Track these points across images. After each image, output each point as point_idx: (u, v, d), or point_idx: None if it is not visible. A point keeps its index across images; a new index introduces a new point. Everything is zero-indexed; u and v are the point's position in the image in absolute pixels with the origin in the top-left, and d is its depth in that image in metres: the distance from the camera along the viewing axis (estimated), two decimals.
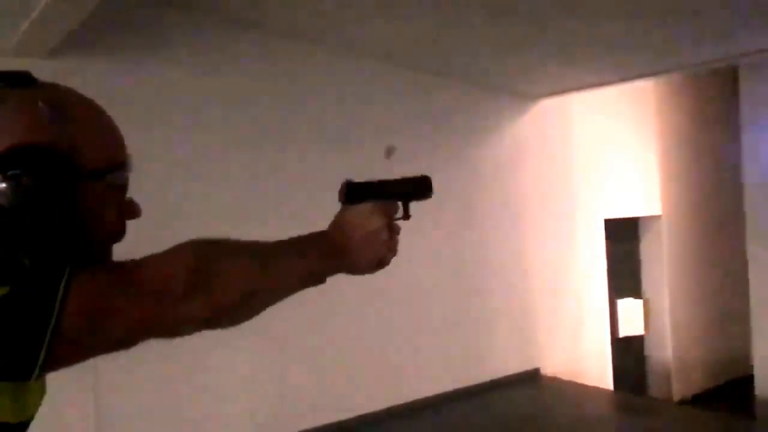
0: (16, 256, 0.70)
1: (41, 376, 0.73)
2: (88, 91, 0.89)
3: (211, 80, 3.26)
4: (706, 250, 6.27)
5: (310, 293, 1.04)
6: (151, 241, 1.07)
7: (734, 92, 5.18)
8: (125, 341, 0.79)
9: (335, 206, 1.16)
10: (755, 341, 4.96)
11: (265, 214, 3.31)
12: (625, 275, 5.87)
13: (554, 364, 4.82)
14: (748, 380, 5.17)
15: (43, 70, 0.90)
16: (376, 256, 1.05)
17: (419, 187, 1.13)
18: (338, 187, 1.14)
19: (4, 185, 0.72)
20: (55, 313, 0.69)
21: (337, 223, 1.06)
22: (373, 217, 1.04)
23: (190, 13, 3.14)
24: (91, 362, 0.78)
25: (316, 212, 1.78)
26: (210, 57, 3.26)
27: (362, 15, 3.24)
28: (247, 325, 0.95)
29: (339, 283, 1.10)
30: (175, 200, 3.02)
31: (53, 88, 0.83)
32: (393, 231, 1.06)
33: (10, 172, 0.72)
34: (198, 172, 3.19)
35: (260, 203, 3.37)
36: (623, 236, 5.85)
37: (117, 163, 0.84)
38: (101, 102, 0.88)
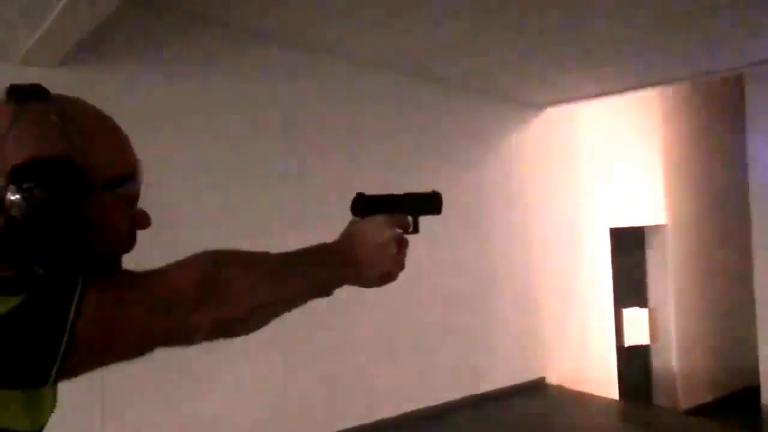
0: (31, 265, 0.71)
1: (56, 384, 0.74)
2: (97, 100, 0.90)
3: (221, 90, 3.28)
4: (712, 260, 6.25)
5: (317, 302, 1.05)
6: (159, 249, 1.09)
7: (740, 101, 5.18)
8: (138, 349, 0.80)
9: (340, 214, 1.17)
10: (762, 351, 4.94)
11: (271, 221, 3.33)
12: (630, 284, 5.85)
13: (560, 374, 4.81)
14: (755, 390, 5.14)
15: (53, 80, 0.92)
16: (383, 269, 1.06)
17: (430, 203, 1.14)
18: (344, 195, 1.15)
19: (18, 197, 0.74)
20: (69, 321, 0.70)
21: (347, 234, 1.07)
22: (383, 230, 1.05)
23: (198, 24, 3.16)
24: (98, 371, 0.79)
25: (322, 220, 1.79)
26: (219, 67, 3.28)
27: (368, 24, 3.26)
28: (254, 333, 0.96)
29: (344, 291, 1.11)
30: (183, 208, 3.03)
31: (65, 100, 0.84)
32: (402, 245, 1.07)
33: (24, 185, 0.74)
34: (206, 180, 3.21)
35: (265, 210, 3.38)
36: (629, 245, 5.84)
37: (128, 175, 0.86)
38: (110, 111, 0.90)
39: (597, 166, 5.24)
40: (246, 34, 3.31)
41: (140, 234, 0.91)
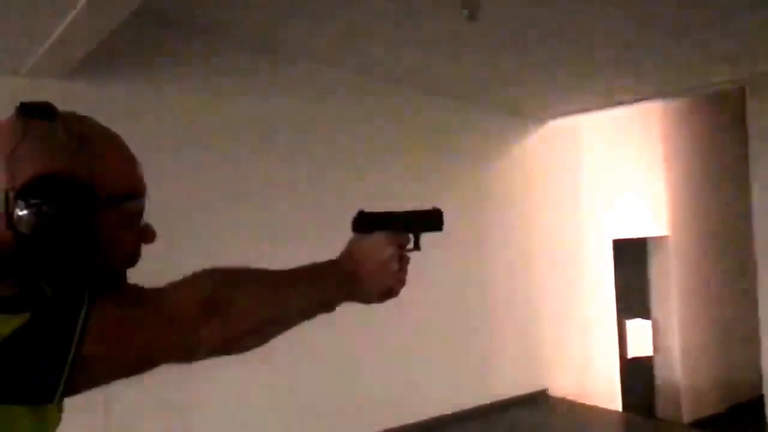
0: (38, 283, 0.72)
1: (61, 400, 0.75)
2: (103, 112, 0.92)
3: (226, 103, 3.30)
4: (714, 270, 6.23)
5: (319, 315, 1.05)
6: (167, 261, 1.10)
7: (742, 113, 5.19)
8: (143, 366, 0.81)
9: (343, 227, 1.18)
10: (765, 362, 4.91)
11: (277, 235, 3.34)
12: (633, 296, 5.84)
13: (562, 385, 4.79)
14: (759, 402, 5.11)
15: (58, 92, 0.93)
16: (385, 285, 1.07)
17: (431, 220, 1.15)
18: (349, 208, 1.16)
19: (26, 213, 0.75)
20: (75, 339, 0.71)
21: (349, 252, 1.08)
22: (385, 247, 1.06)
23: (206, 37, 3.19)
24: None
25: (326, 233, 1.80)
26: (224, 79, 3.31)
27: (374, 38, 3.29)
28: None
29: (345, 305, 1.11)
30: (189, 220, 3.04)
31: (73, 118, 0.85)
32: (403, 262, 1.08)
33: (32, 202, 0.75)
34: (213, 192, 3.22)
35: (272, 224, 3.39)
36: (632, 257, 5.83)
37: (134, 191, 0.87)
38: (116, 123, 0.91)
39: (599, 178, 5.24)
40: (254, 47, 3.34)
41: (148, 245, 0.93)
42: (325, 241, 1.33)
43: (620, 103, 4.58)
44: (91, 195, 0.79)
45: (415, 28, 3.15)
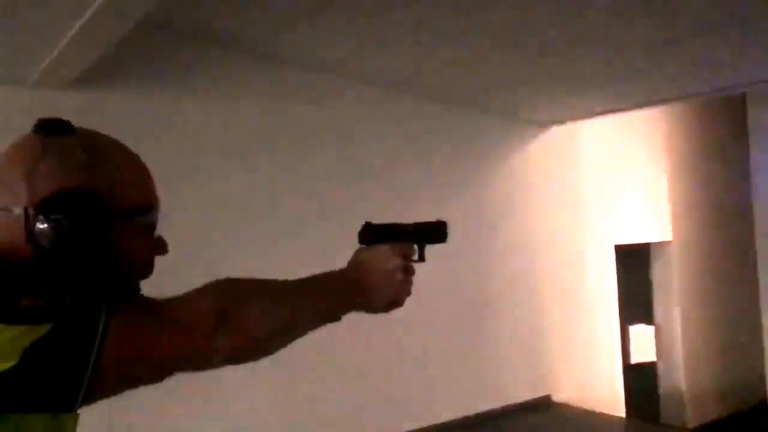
0: (59, 295, 0.74)
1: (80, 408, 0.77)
2: (107, 121, 0.94)
3: (230, 112, 3.32)
4: (717, 276, 6.24)
5: None
6: (173, 273, 1.11)
7: (743, 118, 5.21)
8: (158, 374, 0.84)
9: (352, 237, 1.20)
10: None
11: (282, 245, 3.36)
12: (636, 301, 5.84)
13: (566, 391, 4.79)
14: (764, 407, 5.11)
15: (64, 102, 0.96)
16: (390, 296, 1.10)
17: (435, 232, 1.18)
18: (353, 218, 1.19)
19: (45, 228, 0.78)
20: (95, 349, 0.74)
21: (355, 262, 1.11)
22: (390, 258, 1.09)
23: (210, 47, 3.21)
24: None
25: (333, 243, 1.83)
26: (229, 89, 3.33)
27: (373, 44, 3.31)
28: None
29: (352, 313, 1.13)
30: (194, 229, 3.06)
31: (90, 135, 0.88)
32: (408, 272, 1.11)
33: (51, 217, 0.78)
34: (217, 203, 3.24)
35: (278, 234, 3.41)
36: (634, 262, 5.85)
37: (148, 205, 0.90)
38: (119, 133, 0.94)
39: (602, 184, 5.26)
40: (259, 55, 3.36)
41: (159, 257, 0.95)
42: (332, 252, 1.36)
43: (621, 108, 4.60)
44: (107, 209, 0.82)
45: (416, 35, 3.17)
